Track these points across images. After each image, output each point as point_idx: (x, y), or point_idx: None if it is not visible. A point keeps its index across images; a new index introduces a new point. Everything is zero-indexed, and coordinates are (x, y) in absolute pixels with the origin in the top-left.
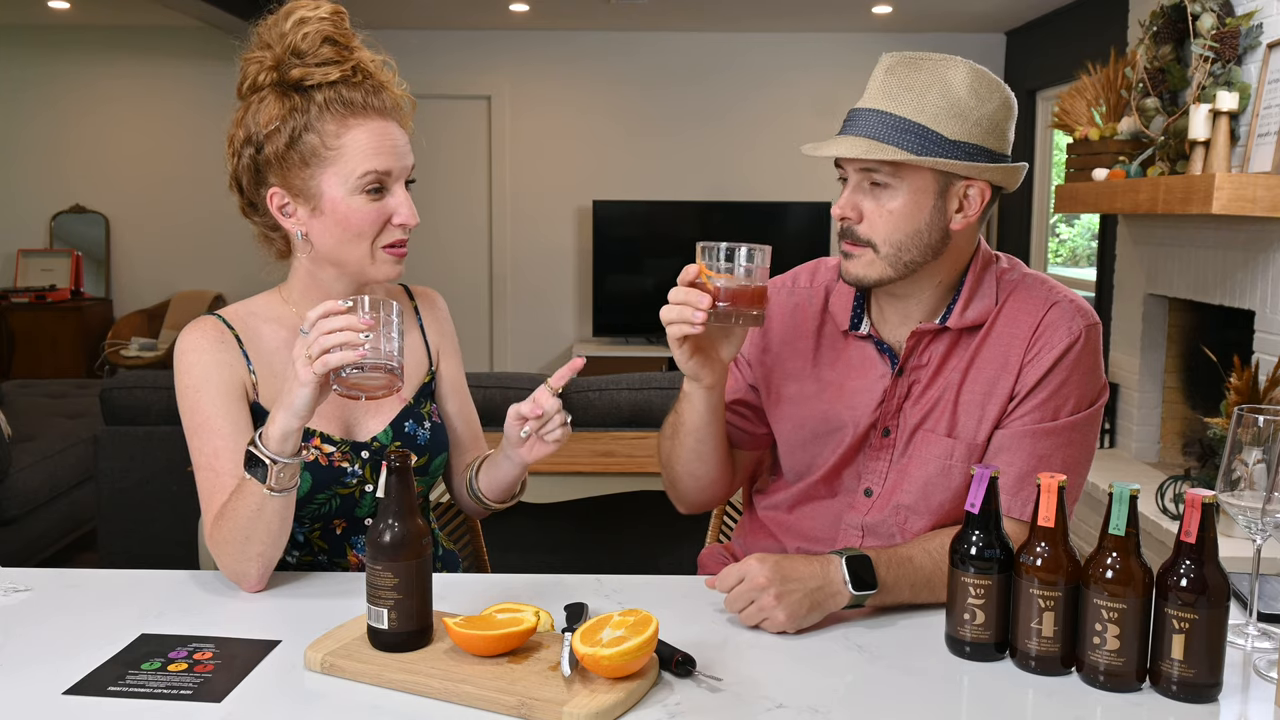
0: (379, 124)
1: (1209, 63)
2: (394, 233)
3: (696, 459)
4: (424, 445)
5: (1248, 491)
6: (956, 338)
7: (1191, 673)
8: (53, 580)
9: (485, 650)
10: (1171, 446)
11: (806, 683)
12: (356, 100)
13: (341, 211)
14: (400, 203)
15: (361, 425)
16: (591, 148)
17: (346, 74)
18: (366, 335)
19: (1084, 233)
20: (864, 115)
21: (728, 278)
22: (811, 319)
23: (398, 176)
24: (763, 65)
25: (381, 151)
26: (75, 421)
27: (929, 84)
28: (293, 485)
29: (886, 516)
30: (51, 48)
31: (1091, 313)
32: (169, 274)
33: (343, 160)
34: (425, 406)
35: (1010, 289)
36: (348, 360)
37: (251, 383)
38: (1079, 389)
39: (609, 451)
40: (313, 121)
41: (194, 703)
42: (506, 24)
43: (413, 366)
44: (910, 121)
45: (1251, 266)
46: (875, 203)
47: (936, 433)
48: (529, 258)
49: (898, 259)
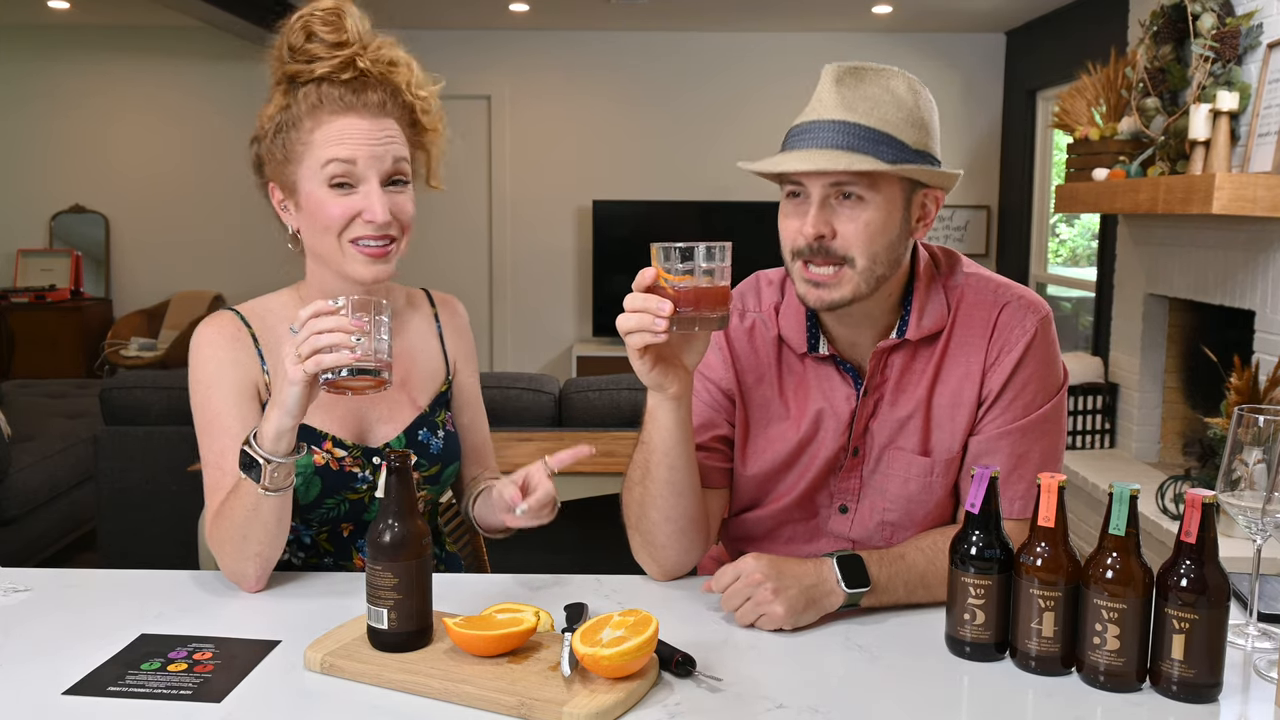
0: (352, 119)
1: (1209, 62)
2: (360, 228)
3: (672, 493)
4: (436, 454)
5: (1248, 491)
6: (915, 349)
7: (1192, 673)
8: (53, 580)
9: (485, 650)
10: (1171, 446)
11: (806, 683)
12: (334, 95)
13: (312, 204)
14: (368, 197)
15: (375, 431)
16: (591, 148)
17: (333, 69)
18: (357, 337)
19: (1084, 233)
20: (825, 127)
21: (688, 279)
22: (768, 343)
23: (367, 170)
24: (763, 65)
25: (344, 141)
26: (75, 421)
27: (880, 94)
28: (288, 485)
29: (872, 532)
30: (51, 47)
31: (1041, 305)
32: (169, 274)
33: (312, 153)
34: (440, 415)
35: (959, 294)
36: (341, 362)
37: (265, 381)
38: (1043, 382)
39: (609, 451)
40: (295, 116)
41: (194, 703)
42: (506, 24)
43: (429, 374)
44: (876, 130)
45: (1251, 266)
46: (848, 217)
47: (907, 450)
48: (529, 257)
49: (871, 274)
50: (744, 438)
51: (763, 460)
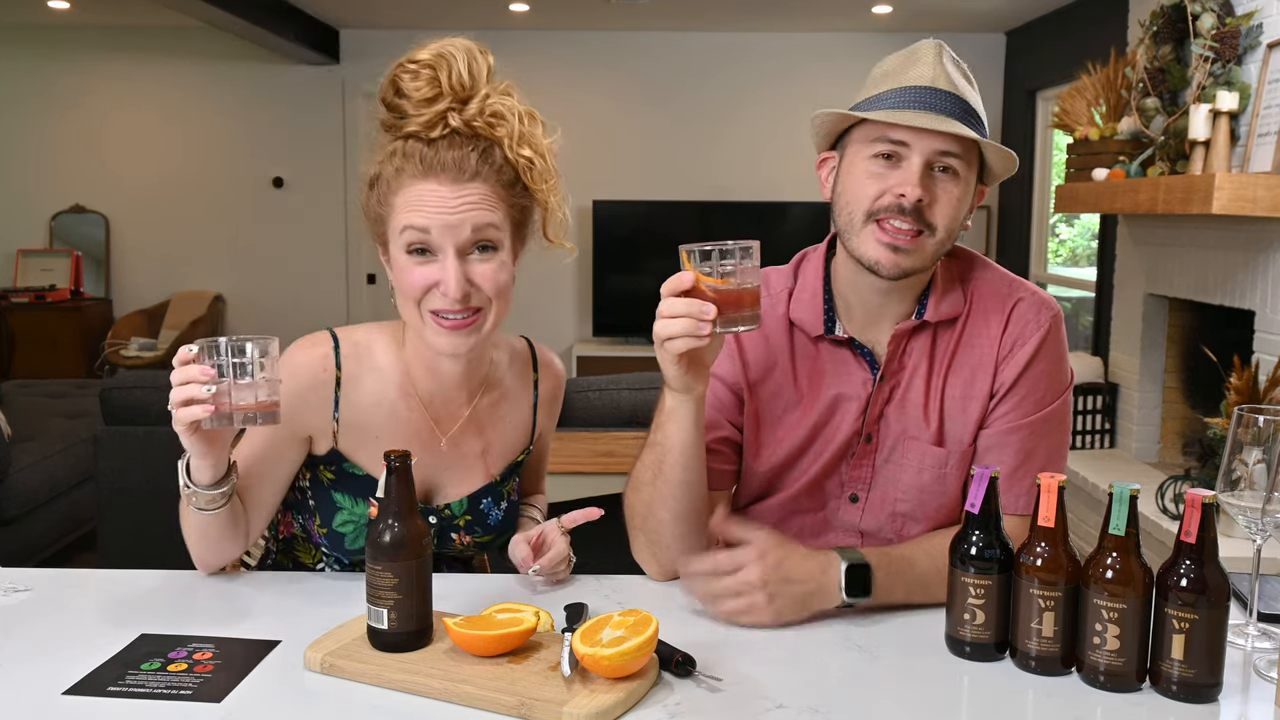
0: (430, 185)
1: (1209, 63)
2: (438, 300)
3: (685, 493)
4: (494, 525)
5: (1248, 491)
6: (933, 334)
7: (1191, 673)
8: (53, 580)
9: (485, 650)
10: (1171, 446)
11: (806, 683)
12: (416, 157)
13: (396, 269)
14: (444, 269)
15: (441, 492)
16: (591, 148)
17: (421, 128)
18: (209, 388)
19: (1084, 233)
20: (944, 97)
21: (725, 282)
22: (780, 327)
23: (442, 240)
24: (763, 65)
25: (419, 209)
26: (75, 421)
27: (969, 82)
28: (217, 509)
29: (883, 523)
30: (51, 47)
31: (1052, 302)
32: (169, 274)
33: (394, 217)
34: (508, 485)
35: (973, 284)
36: (196, 416)
37: (332, 430)
38: (1053, 380)
39: (609, 451)
40: (385, 175)
41: (194, 703)
42: (506, 24)
43: (512, 444)
44: (976, 111)
45: (1251, 266)
46: (942, 188)
47: (923, 440)
48: (528, 257)
49: (942, 247)
50: (755, 430)
51: (778, 451)
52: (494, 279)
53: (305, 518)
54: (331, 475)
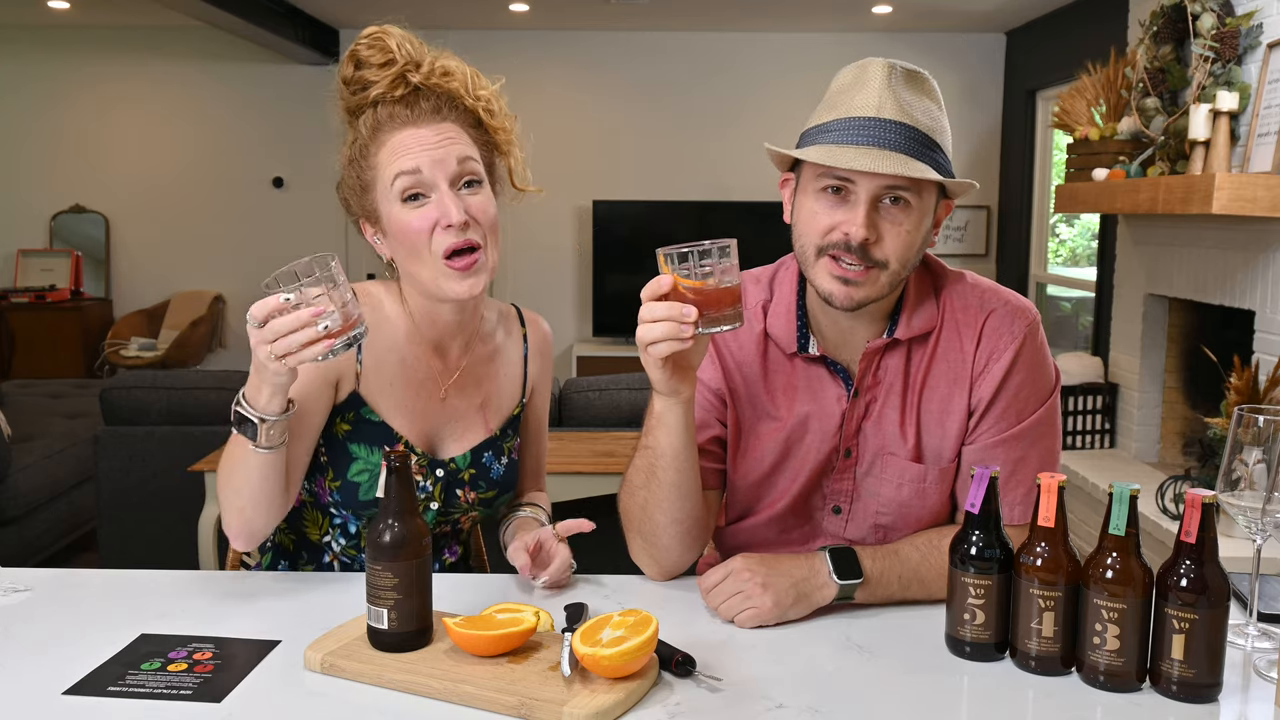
0: (410, 130)
1: (1209, 62)
2: (443, 237)
3: (679, 495)
4: (496, 479)
5: (1248, 491)
6: (907, 350)
7: (1191, 673)
8: (53, 580)
9: (485, 650)
10: (1171, 446)
11: (806, 683)
12: (389, 114)
13: (395, 227)
14: (440, 202)
15: (444, 445)
16: (591, 148)
17: (386, 89)
18: (324, 325)
19: (1084, 233)
20: (888, 127)
21: (704, 283)
22: (755, 342)
23: (433, 175)
24: (763, 65)
25: (406, 153)
26: (75, 421)
27: (928, 101)
28: (281, 442)
29: (866, 533)
30: (51, 48)
31: (1027, 309)
32: (169, 274)
33: (381, 175)
34: (510, 441)
35: (946, 297)
36: (318, 353)
37: (356, 372)
38: (1034, 388)
39: (609, 451)
40: (361, 145)
41: (194, 703)
42: (506, 24)
43: (507, 397)
44: (929, 138)
45: (1251, 266)
46: (892, 221)
47: (900, 456)
48: (528, 257)
49: (898, 277)
50: (735, 437)
51: (753, 460)
52: (485, 210)
53: (315, 479)
54: (348, 426)
